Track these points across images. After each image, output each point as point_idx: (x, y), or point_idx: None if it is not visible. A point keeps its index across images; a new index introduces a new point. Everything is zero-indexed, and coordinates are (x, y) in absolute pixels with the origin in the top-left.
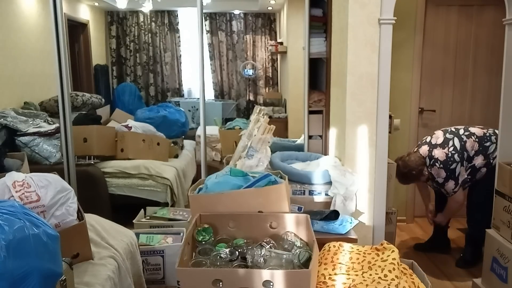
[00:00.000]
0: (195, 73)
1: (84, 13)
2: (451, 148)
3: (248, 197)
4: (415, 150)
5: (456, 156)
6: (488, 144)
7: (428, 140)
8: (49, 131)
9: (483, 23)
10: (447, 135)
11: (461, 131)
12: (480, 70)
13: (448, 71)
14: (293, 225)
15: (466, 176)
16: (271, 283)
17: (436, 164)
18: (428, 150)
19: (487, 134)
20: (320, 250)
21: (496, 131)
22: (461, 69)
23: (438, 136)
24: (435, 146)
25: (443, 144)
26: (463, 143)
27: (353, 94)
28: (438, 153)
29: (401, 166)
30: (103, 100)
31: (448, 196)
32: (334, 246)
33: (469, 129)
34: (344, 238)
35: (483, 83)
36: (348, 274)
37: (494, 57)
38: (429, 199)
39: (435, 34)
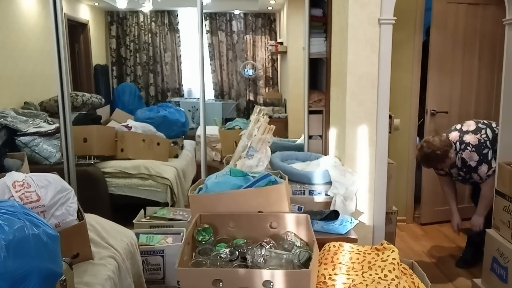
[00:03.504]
0: (195, 73)
1: (84, 13)
2: (484, 136)
3: (248, 197)
4: (443, 134)
5: (488, 143)
6: None
7: (458, 127)
8: (49, 131)
9: (490, 21)
10: (480, 125)
11: (494, 124)
12: (486, 68)
13: (457, 68)
14: (293, 225)
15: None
16: (271, 283)
17: (468, 147)
18: (459, 136)
19: None
20: (320, 250)
21: None
22: (468, 67)
23: (470, 125)
24: (466, 132)
25: (475, 131)
26: (495, 135)
27: (353, 94)
28: (470, 138)
29: (425, 147)
30: (103, 100)
31: (480, 183)
32: (334, 246)
33: None
34: (344, 238)
35: (488, 80)
36: (348, 274)
37: (500, 55)
38: (455, 200)
39: (445, 29)
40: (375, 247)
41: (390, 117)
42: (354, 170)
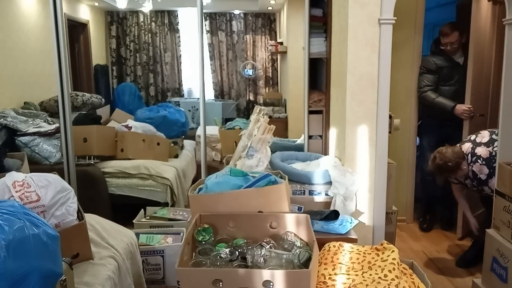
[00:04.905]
0: (195, 73)
1: (84, 13)
2: (496, 148)
3: (248, 197)
4: (457, 145)
5: None
6: None
7: (472, 138)
8: (49, 131)
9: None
10: (493, 136)
11: None
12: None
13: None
14: (293, 225)
15: None
16: (271, 283)
17: (479, 161)
18: (471, 148)
19: None
20: (320, 250)
21: None
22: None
23: (484, 136)
24: (479, 144)
25: (488, 143)
26: None
27: (353, 94)
28: (481, 151)
29: (437, 158)
30: (103, 100)
31: (491, 195)
32: (334, 246)
33: None
34: (344, 238)
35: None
36: (348, 274)
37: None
38: (468, 205)
39: (480, 25)
40: (375, 247)
41: (390, 117)
42: (354, 170)
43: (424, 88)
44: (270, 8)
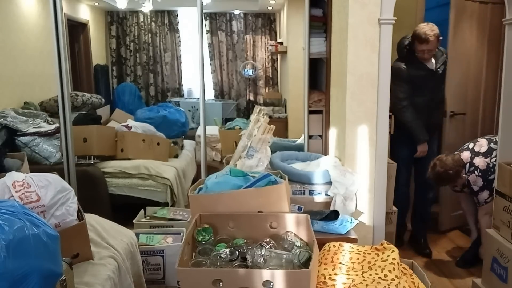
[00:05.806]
0: (195, 73)
1: (84, 13)
2: (494, 159)
3: (248, 197)
4: (456, 153)
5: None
6: None
7: (471, 147)
8: (49, 131)
9: (498, 20)
10: (492, 145)
11: None
12: (493, 66)
13: (472, 66)
14: (293, 225)
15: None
16: (271, 283)
17: (475, 172)
18: (470, 157)
19: None
20: (320, 250)
21: None
22: (479, 64)
23: (482, 145)
24: (477, 154)
25: (486, 153)
26: None
27: (353, 94)
28: (479, 162)
29: (438, 166)
30: (103, 100)
31: (478, 206)
32: (334, 246)
33: None
34: (344, 238)
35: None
36: (348, 274)
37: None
38: (472, 215)
39: (462, 26)
40: (375, 247)
41: (390, 117)
42: (354, 170)
43: (403, 102)
44: (270, 8)
